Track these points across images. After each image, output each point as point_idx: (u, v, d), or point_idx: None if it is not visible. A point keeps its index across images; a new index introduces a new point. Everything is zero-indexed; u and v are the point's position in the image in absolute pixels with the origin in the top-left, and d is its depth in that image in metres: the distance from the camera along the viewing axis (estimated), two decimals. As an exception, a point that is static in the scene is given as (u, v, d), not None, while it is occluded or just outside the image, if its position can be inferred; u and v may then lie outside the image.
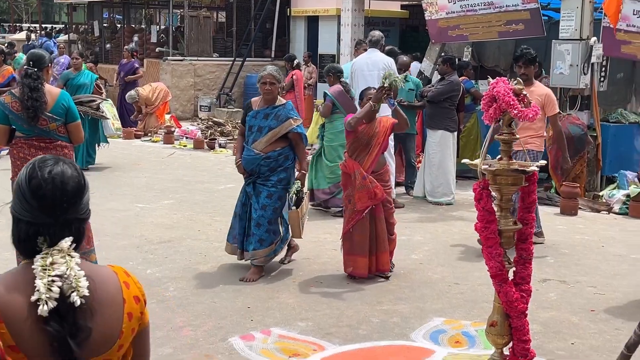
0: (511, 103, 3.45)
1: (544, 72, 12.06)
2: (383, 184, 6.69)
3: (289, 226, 6.82)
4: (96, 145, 12.38)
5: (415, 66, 13.62)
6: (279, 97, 6.80)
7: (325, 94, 9.50)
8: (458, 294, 6.52)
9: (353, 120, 6.58)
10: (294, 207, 6.70)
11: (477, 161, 3.60)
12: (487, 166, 3.56)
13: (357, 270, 6.64)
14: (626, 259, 7.65)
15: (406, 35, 20.26)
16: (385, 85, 6.44)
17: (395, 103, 6.65)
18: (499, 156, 3.62)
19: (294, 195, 6.68)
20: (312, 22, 20.80)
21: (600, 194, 10.56)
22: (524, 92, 3.58)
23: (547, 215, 9.50)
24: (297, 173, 6.77)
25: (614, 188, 10.59)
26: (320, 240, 8.05)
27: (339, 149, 8.83)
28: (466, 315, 5.94)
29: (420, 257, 7.29)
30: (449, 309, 6.17)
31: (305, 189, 6.94)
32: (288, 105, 6.81)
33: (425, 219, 9.22)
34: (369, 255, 6.60)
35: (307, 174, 6.70)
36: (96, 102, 11.79)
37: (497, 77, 3.68)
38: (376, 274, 6.73)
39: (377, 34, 9.73)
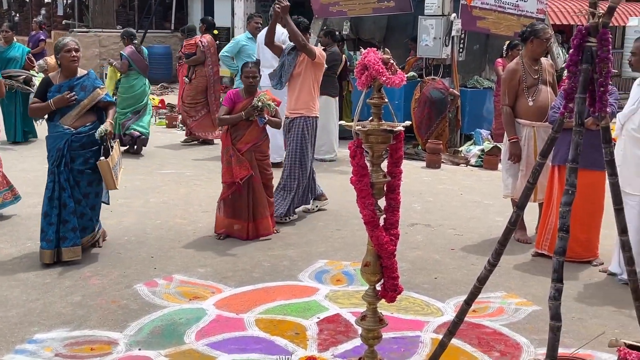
0: (380, 71, 3.45)
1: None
2: (261, 155, 6.54)
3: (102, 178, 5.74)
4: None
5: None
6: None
7: (120, 54, 10.61)
8: (339, 238, 6.60)
9: (222, 122, 6.54)
10: (102, 158, 5.62)
11: (351, 123, 3.60)
12: (360, 127, 3.56)
13: (235, 233, 6.46)
14: (480, 205, 7.92)
15: (292, 10, 20.03)
16: (257, 105, 6.25)
17: (265, 119, 6.36)
18: (371, 118, 3.63)
19: (101, 144, 5.69)
20: (208, -3, 20.45)
21: (460, 149, 10.84)
22: (392, 61, 3.59)
23: (415, 169, 9.74)
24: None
25: (471, 144, 10.91)
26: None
27: (130, 100, 10.38)
28: (346, 256, 6.03)
29: (308, 207, 7.32)
30: (331, 251, 6.24)
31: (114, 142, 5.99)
32: (92, 74, 5.94)
33: (311, 173, 9.25)
34: (247, 222, 6.44)
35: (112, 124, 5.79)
36: (22, 77, 10.67)
37: (368, 48, 3.67)
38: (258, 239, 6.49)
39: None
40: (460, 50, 11.37)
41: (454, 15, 10.74)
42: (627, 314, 4.77)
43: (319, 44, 10.82)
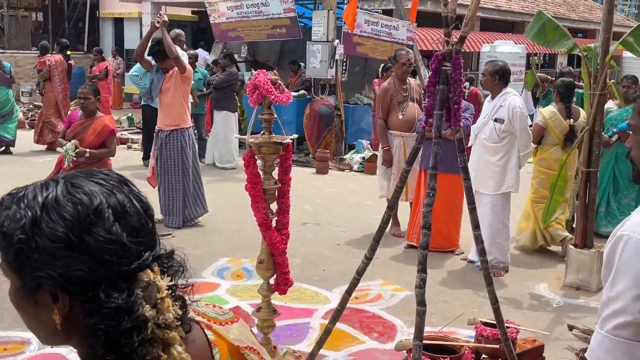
0: (269, 90, 3.43)
1: (302, 66, 12.34)
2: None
3: None
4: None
5: (202, 55, 13.62)
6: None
7: None
8: (240, 238, 6.52)
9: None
10: None
11: (245, 136, 3.56)
12: (253, 139, 3.53)
13: None
14: (361, 205, 8.03)
15: (196, 35, 19.76)
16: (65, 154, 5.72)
17: (82, 159, 5.76)
18: (262, 131, 3.60)
19: None
20: (119, 22, 19.86)
21: (344, 157, 10.99)
22: (279, 81, 3.57)
23: (306, 175, 9.76)
24: None
25: (354, 152, 11.07)
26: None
27: None
28: (245, 254, 5.94)
29: (211, 212, 7.17)
30: (232, 250, 6.15)
31: None
32: None
33: (215, 180, 9.10)
34: None
35: None
36: None
37: (259, 69, 3.64)
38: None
39: (175, 31, 9.36)
40: (344, 71, 11.55)
41: (337, 41, 10.88)
42: (483, 296, 4.92)
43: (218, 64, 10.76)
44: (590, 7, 26.23)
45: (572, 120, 6.12)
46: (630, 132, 1.71)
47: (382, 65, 10.95)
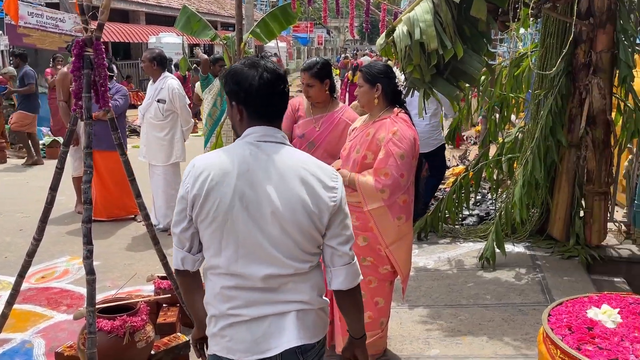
0: None
1: None
2: None
3: None
4: None
5: None
6: None
7: None
8: None
9: None
10: None
11: None
12: None
13: None
14: (44, 189, 7.13)
15: None
16: None
17: None
18: None
19: None
20: None
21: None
22: None
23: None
24: None
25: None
26: None
27: None
28: None
29: None
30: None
31: None
32: None
33: None
34: None
35: None
36: None
37: None
38: None
39: None
40: (10, 63, 10.04)
41: (0, 32, 9.39)
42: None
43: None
44: (237, 6, 27.41)
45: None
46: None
47: (53, 55, 9.87)
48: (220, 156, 1.66)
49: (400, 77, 3.00)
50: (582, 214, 4.63)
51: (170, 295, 3.40)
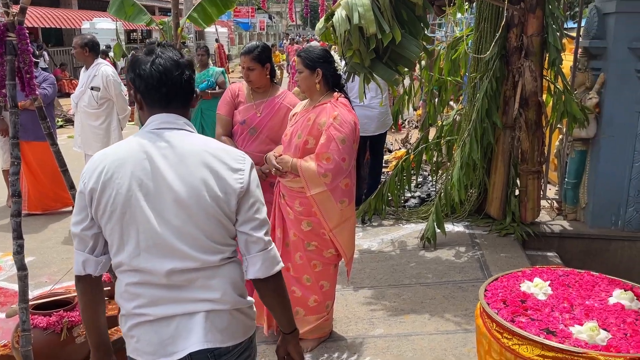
0: None
1: None
2: None
3: None
4: None
5: None
6: None
7: None
8: None
9: None
10: None
11: None
12: None
13: None
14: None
15: None
16: None
17: None
18: None
19: None
20: None
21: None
22: None
23: None
24: None
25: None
26: None
27: None
28: None
29: None
30: None
31: None
32: None
33: None
34: None
35: None
36: None
37: None
38: None
39: None
40: None
41: None
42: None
43: None
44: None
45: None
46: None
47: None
48: (117, 148, 1.59)
49: (339, 61, 3.00)
50: (517, 192, 4.82)
51: (110, 287, 3.30)
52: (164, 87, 1.57)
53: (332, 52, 3.54)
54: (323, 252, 3.03)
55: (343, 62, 4.32)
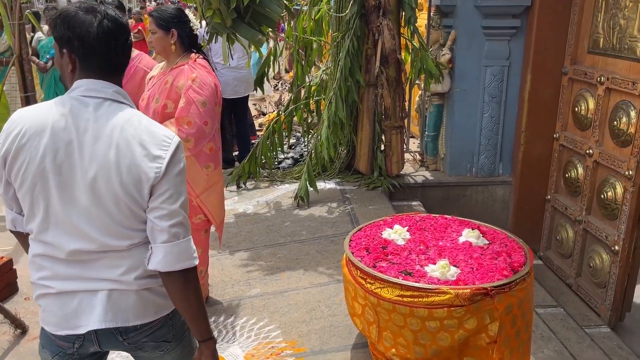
0: None
1: None
2: None
3: None
4: None
5: None
6: None
7: None
8: None
9: None
10: None
11: None
12: None
13: None
14: None
15: None
16: None
17: None
18: None
19: None
20: None
21: None
22: None
23: None
24: None
25: None
26: None
27: None
28: None
29: None
30: None
31: None
32: None
33: None
34: None
35: None
36: None
37: None
38: None
39: None
40: None
41: None
42: None
43: None
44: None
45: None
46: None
47: None
48: (38, 110, 1.46)
49: (195, 22, 2.89)
50: (382, 147, 5.05)
51: None
52: (110, 51, 1.47)
53: (187, 12, 3.40)
54: (192, 219, 2.97)
55: (204, 23, 4.18)
